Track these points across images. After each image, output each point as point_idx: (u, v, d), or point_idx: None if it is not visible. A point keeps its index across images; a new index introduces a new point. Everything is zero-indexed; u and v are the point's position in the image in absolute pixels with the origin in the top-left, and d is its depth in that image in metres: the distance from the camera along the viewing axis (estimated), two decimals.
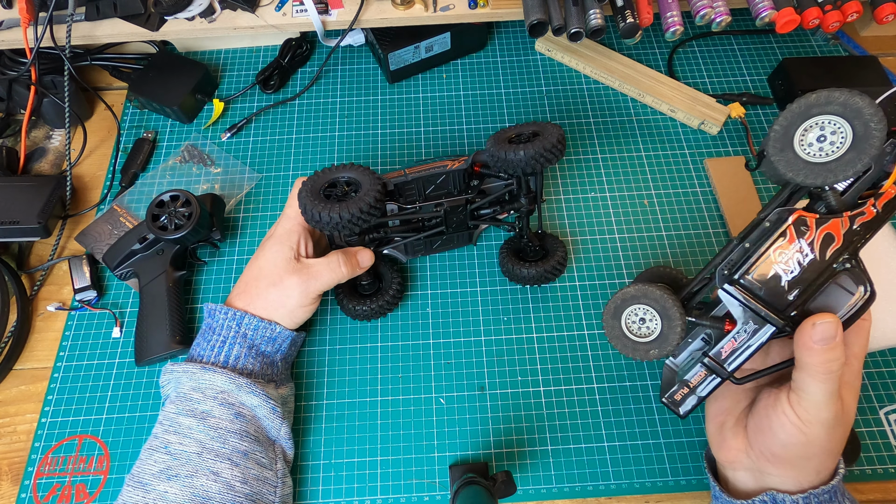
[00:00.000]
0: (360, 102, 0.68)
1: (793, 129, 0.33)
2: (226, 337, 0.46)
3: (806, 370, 0.35)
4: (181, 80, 0.66)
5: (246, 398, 0.44)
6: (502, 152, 0.46)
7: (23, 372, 0.54)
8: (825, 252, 0.35)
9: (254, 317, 0.46)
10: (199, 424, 0.43)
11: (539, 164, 0.45)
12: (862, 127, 0.31)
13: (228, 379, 0.44)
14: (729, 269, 0.37)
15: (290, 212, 0.50)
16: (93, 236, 0.59)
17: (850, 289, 0.35)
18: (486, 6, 0.63)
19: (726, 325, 0.38)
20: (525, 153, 0.45)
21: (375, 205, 0.44)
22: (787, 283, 0.35)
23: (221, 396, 0.44)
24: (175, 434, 0.42)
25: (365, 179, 0.46)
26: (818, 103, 0.32)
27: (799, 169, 0.33)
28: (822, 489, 0.37)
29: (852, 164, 0.32)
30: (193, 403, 0.43)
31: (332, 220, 0.43)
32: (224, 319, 0.47)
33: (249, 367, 0.46)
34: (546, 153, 0.45)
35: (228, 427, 0.43)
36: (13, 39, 0.61)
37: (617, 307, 0.38)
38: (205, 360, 0.45)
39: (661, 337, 0.37)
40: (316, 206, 0.43)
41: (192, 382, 0.44)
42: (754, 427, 0.39)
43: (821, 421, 0.35)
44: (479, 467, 0.48)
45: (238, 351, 0.46)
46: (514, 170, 0.46)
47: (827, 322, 0.34)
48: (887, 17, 0.57)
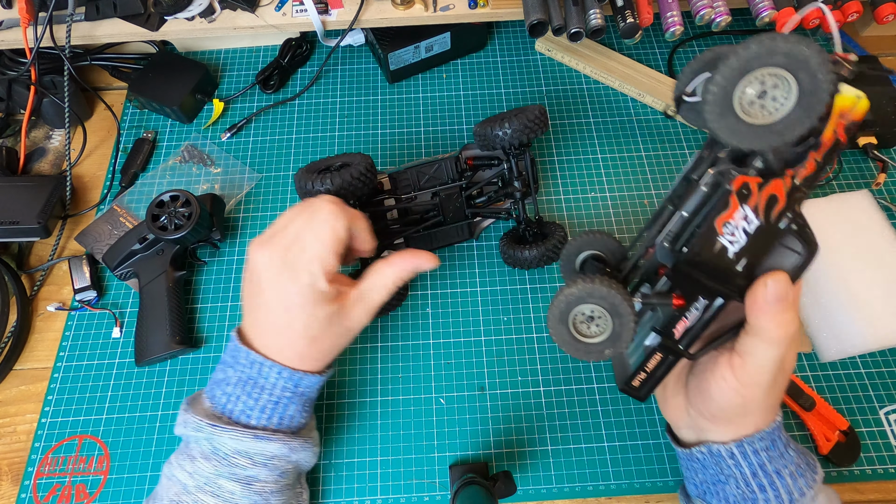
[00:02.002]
0: (360, 102, 0.68)
1: (732, 88, 0.28)
2: (280, 398, 0.41)
3: (758, 334, 0.33)
4: (181, 80, 0.66)
5: (296, 455, 0.41)
6: (489, 129, 0.49)
7: (23, 372, 0.54)
8: (770, 215, 0.32)
9: (314, 376, 0.41)
10: (243, 490, 0.39)
11: (525, 136, 0.48)
12: (809, 80, 0.27)
13: (282, 444, 0.40)
14: (671, 243, 0.34)
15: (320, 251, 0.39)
16: (93, 236, 0.59)
17: (795, 248, 0.33)
18: (486, 6, 0.63)
19: (674, 301, 0.35)
20: (510, 125, 0.48)
21: (365, 173, 0.46)
22: (734, 254, 0.33)
23: (272, 462, 0.40)
24: (213, 497, 0.39)
25: (355, 159, 0.48)
26: (759, 55, 0.27)
27: (743, 134, 0.29)
28: (755, 436, 0.37)
29: (800, 123, 0.28)
30: (238, 469, 0.39)
31: (323, 188, 0.44)
32: (279, 380, 0.40)
33: (303, 420, 0.42)
34: (530, 124, 0.48)
35: (272, 488, 0.40)
36: (13, 39, 0.61)
37: (562, 312, 0.35)
38: (254, 424, 0.40)
39: (613, 335, 0.34)
40: (308, 178, 0.45)
41: (237, 445, 0.39)
42: (694, 389, 0.38)
43: (760, 384, 0.35)
44: (479, 467, 0.48)
45: (294, 410, 0.41)
46: (502, 143, 0.49)
47: (779, 279, 0.32)
48: (887, 17, 0.57)
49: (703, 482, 0.40)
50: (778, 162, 0.31)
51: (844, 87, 0.30)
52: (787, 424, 0.50)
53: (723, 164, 0.32)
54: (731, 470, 0.38)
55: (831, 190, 0.61)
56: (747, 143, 0.29)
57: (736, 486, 0.38)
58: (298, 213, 0.40)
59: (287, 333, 0.40)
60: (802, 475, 0.37)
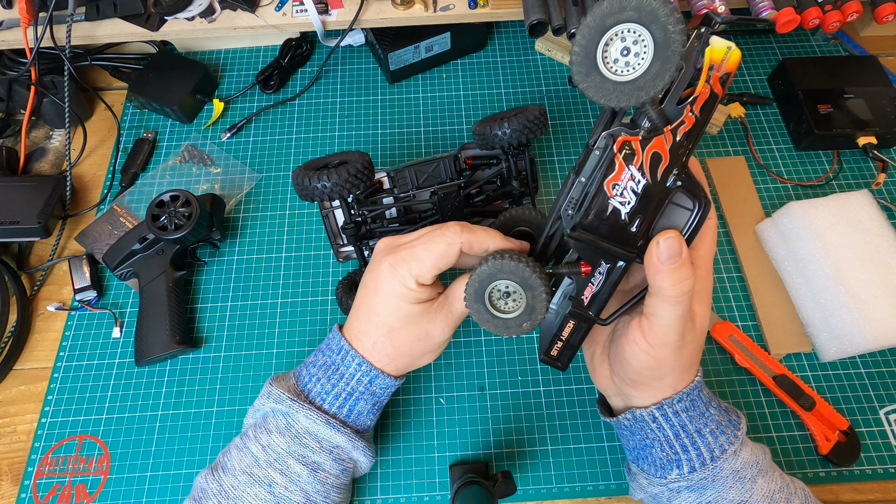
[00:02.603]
0: (360, 102, 0.68)
1: (593, 47, 0.29)
2: (354, 389, 0.42)
3: (658, 294, 0.34)
4: (181, 80, 0.66)
5: (357, 455, 0.42)
6: (488, 128, 0.49)
7: (23, 372, 0.54)
8: (656, 173, 0.32)
9: (388, 377, 0.42)
10: (309, 475, 0.40)
11: (524, 136, 0.48)
12: (661, 32, 0.28)
13: (348, 439, 0.41)
14: (573, 210, 0.34)
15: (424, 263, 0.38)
16: (93, 236, 0.59)
17: (685, 205, 0.33)
18: (486, 6, 0.63)
19: (582, 268, 0.36)
20: (509, 125, 0.48)
21: (362, 170, 0.45)
22: (626, 215, 0.33)
23: (336, 452, 0.41)
24: (282, 475, 0.40)
25: (353, 157, 0.48)
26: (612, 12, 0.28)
27: (609, 92, 0.30)
28: (674, 398, 0.38)
29: (660, 76, 0.28)
30: (307, 450, 0.41)
31: (321, 185, 0.44)
32: (357, 371, 0.42)
33: (369, 422, 0.43)
34: (529, 124, 0.48)
35: (334, 482, 0.41)
36: (13, 39, 0.61)
37: (476, 290, 0.36)
38: (327, 409, 0.42)
39: (527, 308, 0.35)
40: (306, 175, 0.45)
41: (309, 426, 0.41)
42: (613, 355, 0.39)
43: (668, 343, 0.35)
44: (479, 467, 0.48)
45: (363, 407, 0.42)
46: (501, 143, 0.48)
47: (669, 237, 0.32)
48: (887, 17, 0.57)
49: (633, 448, 0.42)
50: (661, 120, 0.31)
51: (715, 39, 0.30)
52: (786, 424, 0.50)
53: (616, 125, 0.33)
54: (655, 433, 0.39)
55: (831, 190, 0.61)
56: (615, 101, 0.30)
57: (660, 449, 0.39)
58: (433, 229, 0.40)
59: (371, 318, 0.41)
60: (724, 432, 0.38)
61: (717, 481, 0.38)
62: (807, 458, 0.49)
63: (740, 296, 0.56)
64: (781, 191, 0.61)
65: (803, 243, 0.53)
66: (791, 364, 0.52)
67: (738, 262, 0.57)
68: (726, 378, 0.52)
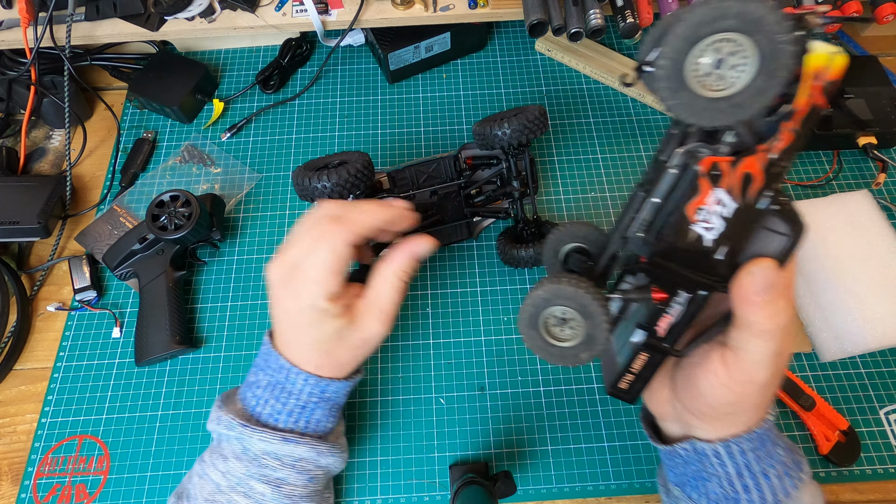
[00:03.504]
0: (360, 102, 0.68)
1: (682, 60, 0.25)
2: (306, 403, 0.41)
3: (748, 328, 0.30)
4: (181, 80, 0.66)
5: (324, 460, 0.41)
6: (488, 128, 0.48)
7: (23, 372, 0.54)
8: (747, 196, 0.29)
9: (340, 382, 0.41)
10: (273, 492, 0.39)
11: (524, 136, 0.48)
12: (767, 43, 0.24)
13: (310, 448, 0.40)
14: (644, 233, 0.31)
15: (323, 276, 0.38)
16: (93, 236, 0.59)
17: (779, 230, 0.29)
18: (486, 6, 0.63)
19: (654, 294, 0.33)
20: (509, 125, 0.47)
21: (362, 170, 0.45)
22: (712, 241, 0.30)
23: (300, 465, 0.40)
24: (245, 497, 0.39)
25: (353, 157, 0.47)
26: (708, 20, 0.24)
27: (701, 110, 0.26)
28: (744, 436, 0.35)
29: (764, 92, 0.25)
30: (268, 470, 0.40)
31: (321, 185, 0.44)
32: (305, 386, 0.41)
33: (330, 425, 0.42)
34: (529, 124, 0.48)
35: (301, 493, 0.41)
36: (13, 39, 0.61)
37: (531, 315, 0.32)
38: (282, 427, 0.40)
39: (587, 337, 0.32)
40: (306, 175, 0.44)
41: (266, 447, 0.40)
42: (682, 383, 0.36)
43: (755, 381, 0.32)
44: (479, 467, 0.48)
45: (320, 415, 0.41)
46: (501, 143, 0.48)
47: (764, 267, 0.29)
48: (887, 17, 0.57)
49: (683, 474, 0.39)
50: (751, 136, 0.28)
51: (817, 45, 0.26)
52: (786, 424, 0.50)
53: (692, 141, 0.29)
54: (715, 468, 0.36)
55: (831, 190, 0.61)
56: (707, 120, 0.26)
57: (719, 485, 0.36)
58: (305, 233, 0.39)
59: (302, 346, 0.40)
60: (789, 475, 0.35)
61: None
62: (807, 458, 0.49)
63: None
64: None
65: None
66: (791, 364, 0.52)
67: None
68: None
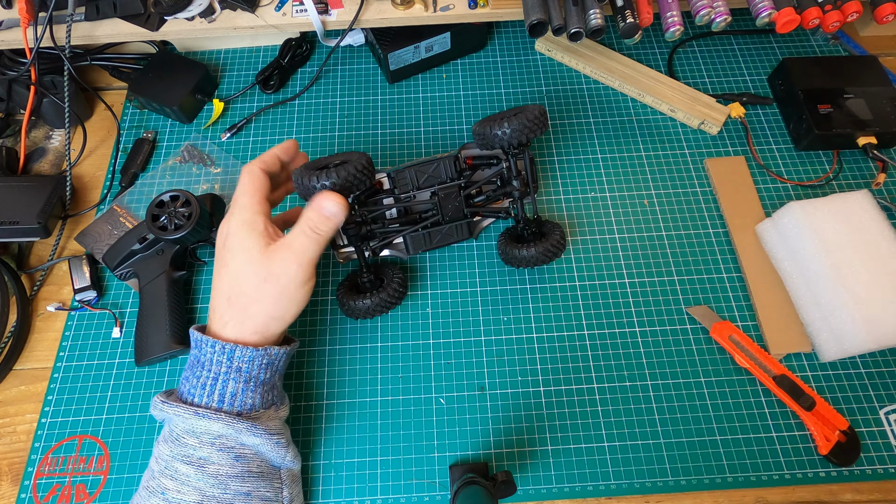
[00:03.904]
0: (360, 102, 0.68)
1: None
2: (217, 374, 0.41)
3: None
4: (181, 80, 0.66)
5: (246, 439, 0.41)
6: (488, 128, 0.48)
7: (23, 372, 0.54)
8: None
9: (246, 347, 0.41)
10: (196, 472, 0.39)
11: (524, 136, 0.47)
12: None
13: (225, 424, 0.40)
14: None
15: (242, 200, 0.44)
16: (93, 236, 0.59)
17: None
18: (486, 6, 0.63)
19: None
20: (509, 124, 0.47)
21: (362, 170, 0.45)
22: None
23: (219, 442, 0.40)
24: (172, 480, 0.39)
25: (353, 157, 0.47)
26: None
27: None
28: None
29: None
30: (189, 449, 0.40)
31: (321, 185, 0.43)
32: (212, 354, 0.41)
33: (249, 402, 0.41)
34: (529, 124, 0.47)
35: (229, 472, 0.40)
36: (13, 39, 0.61)
37: None
38: (196, 402, 0.41)
39: None
40: (307, 175, 0.44)
41: (185, 425, 0.40)
42: None
43: None
44: (479, 467, 0.48)
45: (234, 388, 0.41)
46: (501, 143, 0.48)
47: None
48: (887, 17, 0.57)
49: None
50: None
51: None
52: (786, 424, 0.50)
53: None
54: None
55: (831, 190, 0.61)
56: None
57: None
58: None
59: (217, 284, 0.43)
60: None
61: None
62: (807, 458, 0.49)
63: (740, 296, 0.56)
64: (781, 191, 0.61)
65: (803, 243, 0.53)
66: (791, 364, 0.52)
67: (738, 262, 0.57)
68: (726, 378, 0.52)
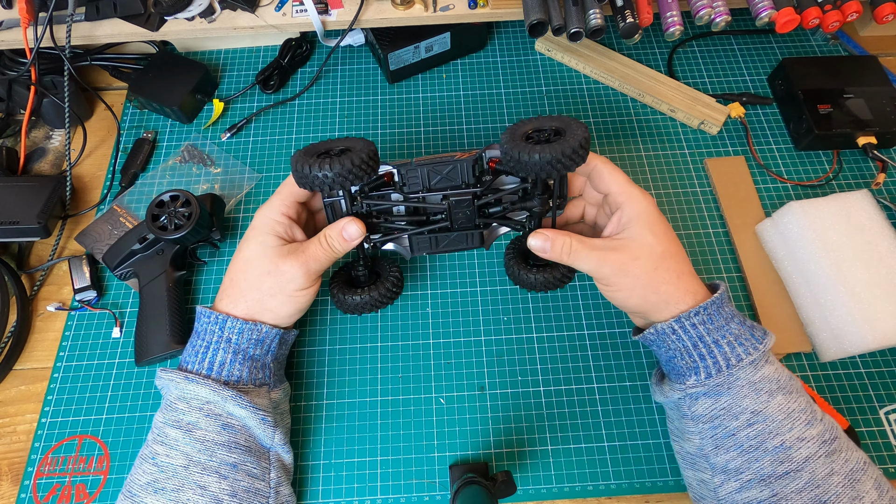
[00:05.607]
0: (360, 102, 0.68)
1: None
2: (209, 342, 0.44)
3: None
4: (181, 80, 0.66)
5: (233, 409, 0.42)
6: (516, 152, 0.41)
7: (23, 372, 0.54)
8: None
9: (237, 319, 0.44)
10: (184, 437, 0.41)
11: (555, 171, 0.40)
12: None
13: (212, 390, 0.42)
14: None
15: (274, 200, 0.47)
16: (93, 236, 0.59)
17: None
18: (486, 6, 0.63)
19: None
20: (541, 157, 0.40)
21: (367, 161, 0.42)
22: None
23: (207, 408, 0.42)
24: (162, 445, 0.41)
25: (358, 144, 0.44)
26: None
27: None
28: (691, 311, 0.42)
29: None
30: (179, 414, 0.42)
31: (322, 174, 0.41)
32: (207, 323, 0.44)
33: (237, 374, 0.44)
34: (565, 159, 0.40)
35: (215, 439, 0.41)
36: (13, 39, 0.61)
37: None
38: (190, 368, 0.43)
39: None
40: (306, 161, 0.41)
41: (177, 391, 0.43)
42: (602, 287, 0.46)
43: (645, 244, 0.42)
44: (479, 467, 0.48)
45: (223, 357, 0.43)
46: (527, 172, 0.41)
47: None
48: (887, 17, 0.57)
49: (663, 360, 0.45)
50: None
51: None
52: None
53: None
54: (676, 344, 0.42)
55: (831, 190, 0.61)
56: None
57: (681, 358, 0.43)
58: None
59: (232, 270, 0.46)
60: (742, 344, 0.41)
61: (732, 388, 0.41)
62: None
63: (740, 296, 0.56)
64: (781, 191, 0.61)
65: (803, 243, 0.53)
66: (791, 364, 0.52)
67: (738, 262, 0.57)
68: None
